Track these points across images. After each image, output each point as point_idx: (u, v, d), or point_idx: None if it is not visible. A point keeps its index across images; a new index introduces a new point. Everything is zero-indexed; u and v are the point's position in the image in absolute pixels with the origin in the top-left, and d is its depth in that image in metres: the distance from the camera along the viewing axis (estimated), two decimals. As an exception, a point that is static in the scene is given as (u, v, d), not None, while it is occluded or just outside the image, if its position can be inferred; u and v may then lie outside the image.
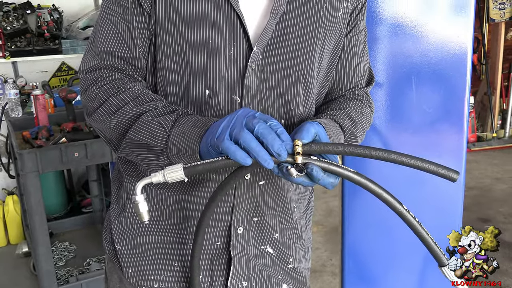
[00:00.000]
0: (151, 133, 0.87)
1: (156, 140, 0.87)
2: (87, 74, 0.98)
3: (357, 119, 1.03)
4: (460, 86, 1.53)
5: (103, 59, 0.97)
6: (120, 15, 0.96)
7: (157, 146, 0.88)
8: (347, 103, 1.06)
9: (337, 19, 1.01)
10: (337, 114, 1.01)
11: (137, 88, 0.94)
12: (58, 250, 3.17)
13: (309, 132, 0.84)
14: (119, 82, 0.95)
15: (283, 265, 1.12)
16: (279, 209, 1.06)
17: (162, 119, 0.88)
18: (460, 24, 1.50)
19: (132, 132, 0.90)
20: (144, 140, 0.88)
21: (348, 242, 1.63)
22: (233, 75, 0.94)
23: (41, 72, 3.71)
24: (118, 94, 0.93)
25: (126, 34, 0.96)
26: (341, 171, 0.81)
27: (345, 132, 0.99)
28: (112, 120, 0.92)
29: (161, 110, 0.90)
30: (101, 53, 0.97)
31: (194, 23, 0.92)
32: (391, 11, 1.47)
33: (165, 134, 0.87)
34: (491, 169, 4.73)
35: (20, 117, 2.97)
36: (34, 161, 2.34)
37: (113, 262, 1.11)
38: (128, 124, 0.91)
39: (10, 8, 3.43)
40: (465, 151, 1.58)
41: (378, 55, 1.48)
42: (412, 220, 0.80)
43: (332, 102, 1.10)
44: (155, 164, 0.90)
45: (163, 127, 0.87)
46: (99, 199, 3.46)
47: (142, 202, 0.82)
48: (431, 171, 0.80)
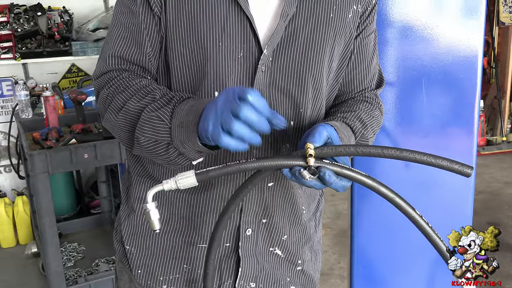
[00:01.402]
0: (154, 129, 0.87)
1: (160, 134, 0.87)
2: (98, 79, 0.99)
3: (367, 121, 1.03)
4: (470, 89, 1.52)
5: (112, 63, 0.97)
6: (129, 19, 0.96)
7: (162, 140, 0.87)
8: (357, 106, 1.06)
9: (347, 21, 1.01)
10: (348, 116, 1.01)
11: (142, 82, 0.94)
12: (67, 251, 3.18)
13: (321, 135, 0.84)
14: (125, 80, 0.95)
15: (291, 267, 1.12)
16: (288, 211, 1.06)
17: (160, 112, 0.87)
18: (471, 27, 1.49)
19: (138, 132, 0.89)
20: (150, 137, 0.88)
21: (357, 245, 1.62)
22: (243, 77, 0.94)
23: (51, 74, 3.73)
24: (123, 91, 0.93)
25: (135, 38, 0.96)
26: (353, 175, 0.81)
27: (356, 135, 0.99)
28: (120, 118, 0.92)
29: (158, 102, 0.88)
30: (110, 58, 0.97)
31: (204, 26, 0.92)
32: (401, 14, 1.46)
33: (167, 127, 0.86)
34: (500, 173, 4.69)
35: (30, 118, 2.99)
36: (44, 162, 2.35)
37: (123, 262, 1.12)
38: (133, 121, 0.90)
39: (21, 10, 3.46)
40: (475, 155, 1.57)
41: (388, 58, 1.48)
42: (425, 226, 0.80)
43: (342, 104, 1.10)
44: (167, 158, 0.89)
45: (162, 120, 0.86)
46: (108, 200, 3.47)
47: (153, 210, 0.81)
48: (445, 167, 0.80)
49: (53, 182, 2.80)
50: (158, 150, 0.88)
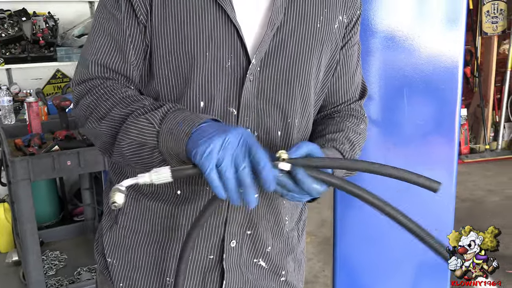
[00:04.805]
0: (140, 130, 0.85)
1: (145, 136, 0.85)
2: (79, 85, 0.97)
3: (355, 140, 1.03)
4: (451, 98, 1.54)
5: (95, 71, 0.95)
6: (113, 26, 0.95)
7: (148, 143, 0.85)
8: (344, 124, 1.05)
9: (333, 31, 1.02)
10: (336, 138, 1.00)
11: (127, 92, 0.93)
12: (49, 259, 3.13)
13: (299, 149, 0.83)
14: (109, 88, 0.93)
15: (275, 278, 1.11)
16: (271, 222, 1.06)
17: (149, 115, 0.85)
18: (452, 38, 1.51)
19: (122, 133, 0.88)
20: (134, 139, 0.86)
21: (340, 253, 1.63)
22: (230, 87, 0.94)
23: (36, 79, 3.70)
24: (107, 100, 0.91)
25: (118, 46, 0.95)
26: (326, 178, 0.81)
27: (345, 157, 0.99)
28: (103, 125, 0.90)
29: (148, 107, 0.88)
30: (92, 65, 0.95)
31: (191, 34, 0.92)
32: (384, 24, 1.48)
33: (154, 130, 0.84)
34: (484, 181, 4.75)
35: (13, 124, 2.96)
36: (26, 169, 2.32)
37: (104, 274, 1.10)
38: (117, 127, 0.89)
39: (5, 15, 3.43)
40: (456, 163, 1.59)
41: (370, 68, 1.49)
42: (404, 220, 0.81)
43: (329, 122, 1.08)
44: (150, 163, 0.87)
45: (151, 123, 0.85)
46: (91, 208, 3.43)
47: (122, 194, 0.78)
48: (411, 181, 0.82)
49: (35, 189, 2.77)
50: (141, 153, 0.87)
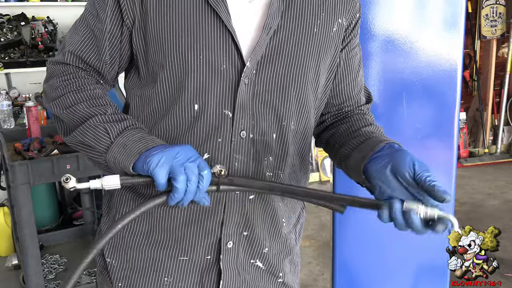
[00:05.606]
0: (95, 136, 0.90)
1: (99, 144, 0.90)
2: (54, 65, 1.01)
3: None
4: (450, 102, 1.55)
5: (70, 60, 0.99)
6: (95, 22, 0.98)
7: (98, 149, 0.90)
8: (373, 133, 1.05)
9: (332, 35, 1.02)
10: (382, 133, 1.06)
11: (96, 91, 0.97)
12: (48, 263, 3.13)
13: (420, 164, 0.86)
14: (81, 80, 0.97)
15: (273, 279, 1.12)
16: (268, 223, 1.06)
17: (109, 126, 0.90)
18: (450, 41, 1.52)
19: (79, 131, 0.92)
20: (87, 141, 0.91)
21: (339, 257, 1.63)
22: (225, 90, 0.95)
23: (35, 84, 3.70)
24: (76, 92, 0.95)
25: (96, 42, 0.98)
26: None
27: None
28: (64, 114, 0.95)
29: (109, 117, 0.92)
30: (68, 54, 0.99)
31: (185, 38, 0.93)
32: (383, 28, 1.48)
33: (108, 141, 0.89)
34: (483, 185, 4.75)
35: (12, 128, 2.97)
36: (25, 173, 2.33)
37: (104, 275, 1.11)
38: (76, 123, 0.93)
39: (4, 19, 3.44)
40: (455, 166, 1.59)
41: (369, 71, 1.50)
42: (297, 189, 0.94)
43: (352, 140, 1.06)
44: (96, 162, 0.94)
45: (108, 133, 0.89)
46: (90, 212, 3.43)
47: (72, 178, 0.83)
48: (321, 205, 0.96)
49: (35, 193, 2.77)
50: (90, 153, 0.93)
